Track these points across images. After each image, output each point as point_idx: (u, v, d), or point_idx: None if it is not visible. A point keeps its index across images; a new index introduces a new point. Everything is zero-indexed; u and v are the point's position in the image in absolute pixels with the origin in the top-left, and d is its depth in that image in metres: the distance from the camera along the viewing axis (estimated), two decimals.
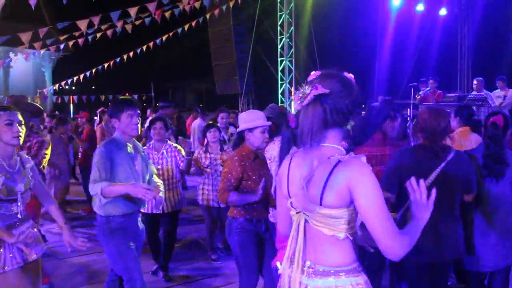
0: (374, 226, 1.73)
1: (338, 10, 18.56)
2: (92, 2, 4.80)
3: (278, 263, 2.58)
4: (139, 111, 3.44)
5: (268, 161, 3.74)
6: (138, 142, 3.62)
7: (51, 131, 7.27)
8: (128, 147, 3.39)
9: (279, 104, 16.76)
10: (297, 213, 1.90)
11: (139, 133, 3.75)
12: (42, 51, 12.23)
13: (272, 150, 3.80)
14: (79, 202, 8.38)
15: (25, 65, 27.75)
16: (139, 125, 3.42)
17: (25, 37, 7.93)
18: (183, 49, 28.00)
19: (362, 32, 18.17)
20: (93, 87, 35.59)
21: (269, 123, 3.61)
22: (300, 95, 1.83)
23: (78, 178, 10.11)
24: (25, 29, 9.05)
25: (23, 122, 2.83)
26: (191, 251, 5.87)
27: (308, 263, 1.87)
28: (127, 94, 19.96)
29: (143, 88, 20.04)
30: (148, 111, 10.34)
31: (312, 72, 1.90)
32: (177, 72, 36.94)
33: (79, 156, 8.36)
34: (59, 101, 19.58)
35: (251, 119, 3.55)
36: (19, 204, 2.79)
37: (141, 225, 3.55)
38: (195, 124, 9.52)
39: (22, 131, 2.80)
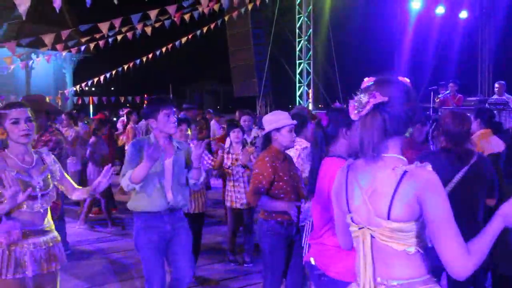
0: (444, 242, 1.63)
1: (357, 13, 18.50)
2: (113, 5, 4.86)
3: (312, 259, 2.61)
4: (175, 109, 3.46)
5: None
6: (182, 142, 3.66)
7: (94, 133, 7.40)
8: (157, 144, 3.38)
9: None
10: (359, 228, 1.79)
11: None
12: (64, 53, 12.42)
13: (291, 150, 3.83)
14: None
15: (47, 66, 28.23)
16: (175, 123, 3.44)
17: (48, 39, 8.07)
18: (201, 51, 28.18)
19: (381, 35, 18.06)
20: (112, 89, 36.04)
21: (295, 122, 3.60)
22: (357, 104, 1.75)
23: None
24: (48, 31, 9.21)
25: (32, 119, 2.75)
26: (211, 252, 5.88)
27: (379, 279, 1.76)
28: (145, 95, 20.20)
29: (162, 90, 20.22)
30: None
31: (366, 79, 1.82)
32: (195, 74, 37.18)
33: None
34: (80, 102, 19.86)
35: (277, 119, 3.53)
36: (36, 202, 2.71)
37: (170, 225, 3.44)
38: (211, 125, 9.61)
39: (32, 128, 2.74)
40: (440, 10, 15.36)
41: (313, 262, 2.60)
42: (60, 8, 4.63)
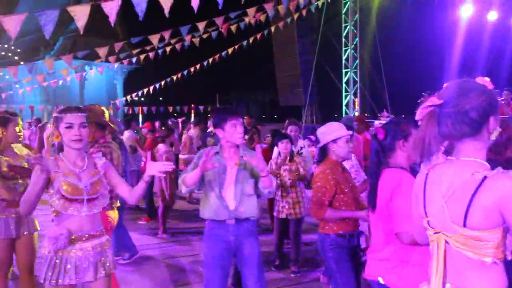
0: None
1: (404, 20, 18.22)
2: (163, 17, 5.03)
3: (380, 278, 2.56)
4: (242, 120, 3.46)
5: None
6: (250, 151, 3.56)
7: (163, 141, 7.61)
8: (218, 155, 3.43)
9: (343, 115, 16.62)
10: (435, 233, 1.74)
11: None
12: (116, 65, 12.88)
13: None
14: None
15: (99, 77, 29.34)
16: (242, 134, 3.43)
17: (102, 51, 8.41)
18: (247, 61, 28.47)
19: (429, 42, 17.74)
20: (160, 98, 36.94)
21: (351, 132, 3.58)
22: (420, 107, 1.74)
23: None
24: (100, 43, 9.59)
25: (86, 125, 2.76)
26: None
27: (448, 285, 1.71)
28: (192, 105, 20.60)
29: (209, 99, 20.58)
30: (209, 122, 10.61)
31: (445, 84, 1.80)
32: (241, 84, 37.54)
33: (142, 165, 8.68)
34: (130, 111, 20.48)
35: (333, 130, 3.50)
36: (82, 207, 2.70)
37: (234, 236, 3.40)
38: None
39: (85, 134, 2.75)
40: (492, 16, 14.87)
41: (382, 282, 2.55)
42: (114, 22, 4.84)
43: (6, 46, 24.82)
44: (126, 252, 5.64)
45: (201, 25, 8.70)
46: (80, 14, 4.59)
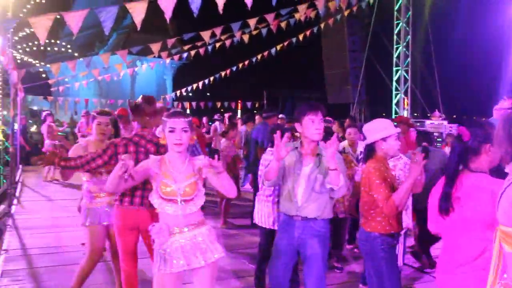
0: None
1: (459, 17, 17.66)
2: (215, 13, 5.11)
3: None
4: (322, 116, 3.44)
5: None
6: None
7: (223, 135, 7.77)
8: (295, 151, 3.47)
9: (393, 115, 16.32)
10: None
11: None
12: (167, 60, 13.16)
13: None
14: None
15: (150, 73, 30.06)
16: (321, 130, 3.41)
17: (155, 47, 8.63)
18: (295, 58, 28.38)
19: (486, 41, 17.07)
20: (208, 94, 37.43)
21: (399, 129, 3.53)
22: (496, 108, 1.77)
23: None
24: (152, 39, 9.82)
25: (187, 129, 2.88)
26: None
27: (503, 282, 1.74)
28: (239, 101, 20.77)
29: (256, 96, 20.67)
30: (257, 117, 10.65)
31: None
32: (289, 81, 37.47)
33: None
34: (179, 106, 20.88)
35: (383, 127, 3.45)
36: (177, 207, 2.85)
37: (298, 233, 3.46)
38: None
39: (186, 137, 2.87)
40: None
41: None
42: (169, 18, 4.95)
43: (63, 42, 25.87)
44: None
45: (252, 22, 8.77)
46: (138, 11, 4.73)
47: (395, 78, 17.03)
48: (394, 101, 17.14)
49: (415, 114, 18.94)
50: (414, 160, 3.16)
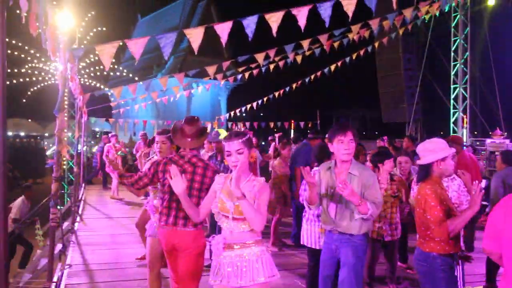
0: None
1: None
2: (269, 35, 5.22)
3: None
4: (352, 137, 3.50)
5: None
6: (363, 168, 3.60)
7: (276, 155, 7.86)
8: (330, 170, 3.64)
9: (451, 134, 15.82)
10: None
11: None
12: (222, 82, 13.46)
13: None
14: None
15: (205, 94, 30.82)
16: (349, 150, 3.50)
17: (211, 70, 8.87)
18: (349, 77, 28.24)
19: None
20: (261, 114, 37.79)
21: (454, 149, 3.50)
22: None
23: None
24: (206, 61, 10.11)
25: (242, 151, 2.93)
26: None
27: None
28: (292, 121, 20.81)
29: (309, 116, 20.66)
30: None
31: None
32: (342, 100, 37.24)
33: None
34: (233, 127, 21.18)
35: (440, 148, 3.44)
36: (229, 223, 2.95)
37: (335, 245, 3.60)
38: None
39: (239, 159, 2.92)
40: None
41: None
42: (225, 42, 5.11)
43: (121, 67, 27.05)
44: None
45: (305, 43, 8.83)
46: (195, 36, 4.92)
47: (452, 96, 16.54)
48: (452, 120, 16.62)
49: (475, 133, 18.27)
50: (475, 192, 3.12)
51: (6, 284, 2.76)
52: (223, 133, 6.30)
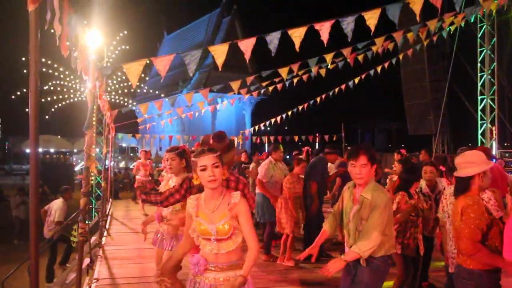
0: None
1: None
2: (292, 50, 5.27)
3: None
4: (365, 160, 3.44)
5: None
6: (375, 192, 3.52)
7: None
8: (350, 189, 3.66)
9: (479, 145, 15.51)
10: None
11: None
12: (246, 96, 13.56)
13: None
14: None
15: (230, 109, 31.06)
16: (361, 175, 3.48)
17: (235, 85, 8.97)
18: (373, 89, 28.07)
19: None
20: (286, 128, 37.79)
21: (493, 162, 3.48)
22: None
23: None
24: (230, 76, 10.22)
25: (218, 165, 2.86)
26: None
27: None
28: (317, 134, 20.75)
29: (334, 129, 20.58)
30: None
31: None
32: (367, 113, 37.02)
33: None
34: (258, 141, 21.25)
35: (482, 160, 3.37)
36: (212, 246, 2.86)
37: (352, 264, 3.56)
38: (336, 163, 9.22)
39: (218, 173, 2.84)
40: None
41: None
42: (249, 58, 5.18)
43: (146, 86, 27.56)
44: None
45: (328, 57, 8.85)
46: (220, 53, 5.00)
47: (480, 107, 16.26)
48: (480, 131, 16.31)
49: (505, 144, 17.87)
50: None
51: None
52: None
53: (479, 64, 16.17)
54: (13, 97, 15.64)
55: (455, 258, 3.45)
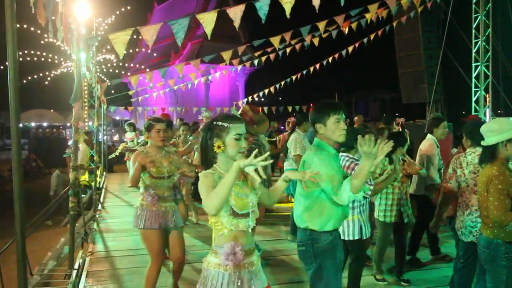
0: None
1: None
2: (284, 19, 5.14)
3: None
4: (345, 115, 3.12)
5: None
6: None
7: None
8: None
9: (473, 113, 15.52)
10: None
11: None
12: (239, 67, 13.39)
13: None
14: None
15: (223, 80, 30.84)
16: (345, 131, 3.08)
17: (227, 55, 8.82)
18: (367, 58, 27.85)
19: None
20: (280, 98, 37.61)
21: None
22: None
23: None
24: (223, 47, 10.05)
25: (246, 136, 2.56)
26: None
27: None
28: (311, 104, 20.64)
29: (327, 98, 20.45)
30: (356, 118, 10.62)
31: None
32: (361, 82, 36.85)
33: None
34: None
35: (506, 128, 3.25)
36: (250, 221, 2.50)
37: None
38: None
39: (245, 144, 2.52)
40: None
41: None
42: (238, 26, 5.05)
43: (137, 58, 27.18)
44: None
45: (321, 25, 8.70)
46: (208, 21, 4.87)
47: (474, 74, 16.16)
48: (474, 99, 16.26)
49: (499, 111, 17.87)
50: None
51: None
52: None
53: (473, 31, 15.99)
54: (1, 67, 15.37)
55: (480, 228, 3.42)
